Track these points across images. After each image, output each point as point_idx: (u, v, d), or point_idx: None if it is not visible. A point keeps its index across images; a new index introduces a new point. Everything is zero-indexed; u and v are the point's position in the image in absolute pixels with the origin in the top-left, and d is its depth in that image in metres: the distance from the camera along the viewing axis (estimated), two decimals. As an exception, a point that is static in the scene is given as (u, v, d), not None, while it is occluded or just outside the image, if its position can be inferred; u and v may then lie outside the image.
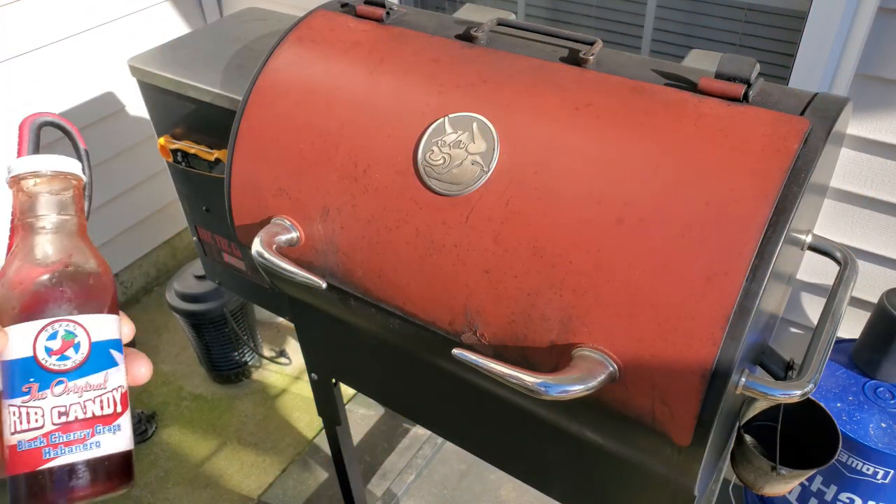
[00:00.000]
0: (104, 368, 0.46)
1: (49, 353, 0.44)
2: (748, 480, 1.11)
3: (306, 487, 2.00)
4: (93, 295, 0.47)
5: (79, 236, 0.49)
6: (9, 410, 0.44)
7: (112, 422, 0.46)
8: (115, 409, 0.46)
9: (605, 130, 0.75)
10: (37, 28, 1.97)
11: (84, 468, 0.44)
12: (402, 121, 0.85)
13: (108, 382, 0.46)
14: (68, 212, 0.48)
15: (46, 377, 0.44)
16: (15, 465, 0.44)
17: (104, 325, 0.47)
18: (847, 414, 1.43)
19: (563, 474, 0.99)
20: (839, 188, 1.48)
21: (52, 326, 0.44)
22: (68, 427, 0.44)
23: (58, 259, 0.46)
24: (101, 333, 0.46)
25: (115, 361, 0.47)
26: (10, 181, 0.48)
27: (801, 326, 1.71)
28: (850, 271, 0.81)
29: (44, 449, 0.44)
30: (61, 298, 0.45)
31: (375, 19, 0.98)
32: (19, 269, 0.46)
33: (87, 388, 0.45)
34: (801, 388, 0.69)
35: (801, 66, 1.36)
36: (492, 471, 2.00)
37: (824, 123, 0.71)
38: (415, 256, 0.82)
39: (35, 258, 0.46)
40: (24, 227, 0.47)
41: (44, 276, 0.45)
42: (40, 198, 0.47)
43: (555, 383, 0.66)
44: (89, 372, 0.45)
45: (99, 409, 0.45)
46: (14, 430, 0.44)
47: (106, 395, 0.46)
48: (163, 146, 1.52)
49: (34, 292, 0.45)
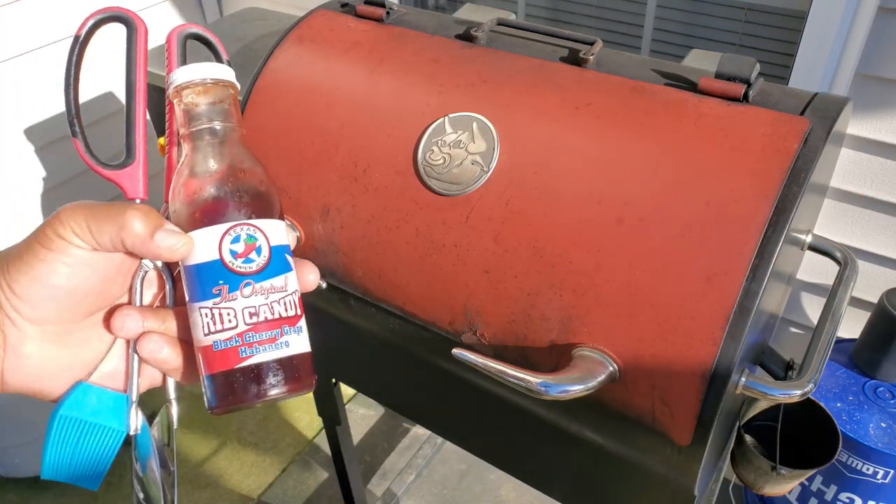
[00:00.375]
0: (283, 272, 0.47)
1: (234, 256, 0.45)
2: (748, 480, 1.11)
3: (306, 487, 2.00)
4: (265, 200, 0.47)
5: (243, 144, 0.49)
6: (200, 312, 0.45)
7: (296, 323, 0.47)
8: (296, 311, 0.47)
9: (605, 130, 0.75)
10: (37, 28, 1.97)
11: (277, 367, 0.45)
12: (402, 121, 0.85)
13: (287, 285, 0.47)
14: (231, 120, 0.48)
15: (235, 279, 0.45)
16: (211, 365, 0.45)
17: (278, 229, 0.47)
18: (847, 414, 1.43)
19: (563, 474, 0.99)
20: (839, 188, 1.48)
21: (234, 230, 0.45)
22: (259, 327, 0.45)
23: (231, 165, 0.47)
24: (277, 238, 0.47)
25: (290, 265, 0.48)
26: (173, 92, 0.48)
27: (801, 326, 1.71)
28: (850, 271, 0.81)
29: (240, 348, 0.44)
30: (240, 203, 0.46)
31: (375, 19, 0.98)
32: (194, 177, 0.46)
33: (272, 290, 0.46)
34: (801, 388, 0.69)
35: (801, 66, 1.36)
36: (492, 471, 2.00)
37: (824, 123, 0.71)
38: (415, 256, 0.82)
39: (209, 166, 0.47)
40: (191, 136, 0.47)
41: (220, 181, 0.46)
42: (205, 107, 0.47)
43: (555, 383, 0.66)
44: (272, 275, 0.46)
45: (284, 311, 0.46)
46: (208, 330, 0.44)
47: (288, 298, 0.46)
48: (163, 146, 1.52)
49: (213, 198, 0.46)
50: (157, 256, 0.44)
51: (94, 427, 0.46)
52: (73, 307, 0.44)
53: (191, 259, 0.45)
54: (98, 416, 0.46)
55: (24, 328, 0.43)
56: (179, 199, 0.46)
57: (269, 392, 0.45)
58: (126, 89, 0.51)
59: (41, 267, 0.42)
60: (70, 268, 0.42)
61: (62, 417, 0.45)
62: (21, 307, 0.42)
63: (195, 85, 0.47)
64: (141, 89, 0.52)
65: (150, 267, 0.47)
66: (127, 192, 0.50)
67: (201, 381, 0.46)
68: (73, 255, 0.42)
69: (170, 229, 0.44)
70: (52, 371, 0.44)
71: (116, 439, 0.47)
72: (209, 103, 0.48)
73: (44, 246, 0.42)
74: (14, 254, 0.43)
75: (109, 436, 0.47)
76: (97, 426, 0.46)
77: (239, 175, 0.47)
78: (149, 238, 0.43)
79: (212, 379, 0.45)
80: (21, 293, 0.42)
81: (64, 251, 0.42)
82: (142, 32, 0.53)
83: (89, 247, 0.43)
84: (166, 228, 0.44)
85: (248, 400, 0.45)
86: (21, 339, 0.43)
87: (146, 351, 0.45)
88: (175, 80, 0.48)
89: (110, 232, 0.43)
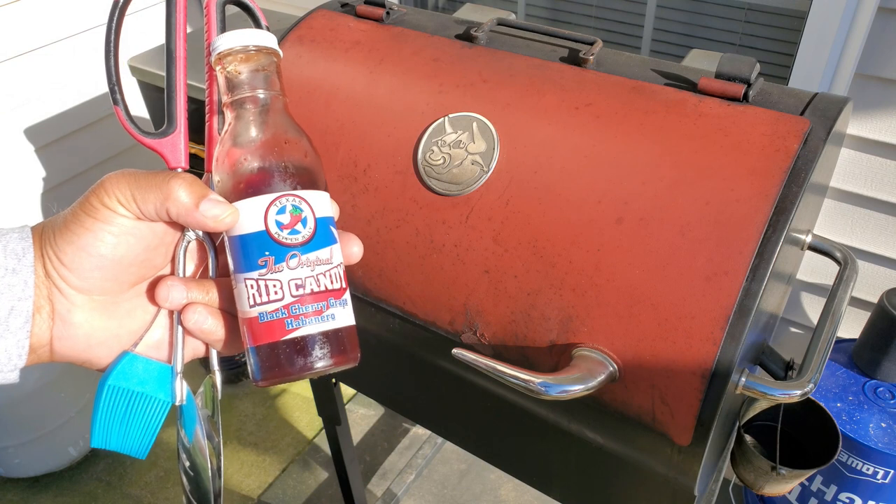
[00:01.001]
0: (329, 244, 0.46)
1: (280, 228, 0.44)
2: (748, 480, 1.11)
3: (306, 487, 2.00)
4: (310, 170, 0.46)
5: (287, 113, 0.48)
6: (246, 284, 0.44)
7: (341, 296, 0.46)
8: (341, 283, 0.46)
9: (604, 130, 0.75)
10: (37, 28, 1.97)
11: (323, 339, 0.45)
12: (402, 120, 0.85)
13: (333, 258, 0.46)
14: (275, 88, 0.47)
15: (281, 251, 0.44)
16: (257, 337, 0.44)
17: (323, 200, 0.47)
18: (847, 414, 1.43)
19: (563, 474, 0.99)
20: (839, 188, 1.48)
21: (279, 201, 0.44)
22: (305, 299, 0.44)
23: (276, 134, 0.46)
24: (322, 210, 0.46)
25: (335, 238, 0.47)
26: (216, 59, 0.47)
27: (801, 326, 1.71)
28: (850, 271, 0.81)
29: (286, 320, 0.44)
30: (285, 173, 0.45)
31: (375, 19, 0.98)
32: (239, 146, 0.45)
33: (317, 263, 0.45)
34: (801, 387, 0.69)
35: (801, 66, 1.36)
36: (492, 471, 2.00)
37: (824, 123, 0.71)
38: (415, 256, 0.82)
39: (253, 135, 0.46)
40: (234, 105, 0.46)
41: (265, 151, 0.45)
42: (249, 74, 0.46)
43: (555, 383, 0.66)
44: (317, 246, 0.45)
45: (329, 283, 0.45)
46: (254, 302, 0.44)
47: (333, 270, 0.46)
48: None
49: (259, 168, 0.45)
50: (202, 226, 0.44)
51: (141, 397, 0.46)
52: (119, 276, 0.44)
53: (236, 230, 0.44)
54: (145, 386, 0.46)
55: (71, 297, 0.43)
56: (223, 169, 0.46)
57: (316, 364, 0.44)
58: (167, 57, 0.50)
59: (88, 236, 0.42)
60: (116, 237, 0.43)
61: (111, 387, 0.45)
62: (68, 276, 0.42)
63: (238, 52, 0.46)
64: (181, 56, 0.50)
65: (192, 237, 0.47)
66: (169, 162, 0.50)
67: (246, 352, 0.45)
68: (119, 223, 0.43)
69: (215, 199, 0.44)
70: (99, 340, 0.45)
71: (163, 409, 0.48)
72: (252, 70, 0.47)
73: (90, 215, 0.42)
74: (60, 223, 0.43)
75: (156, 406, 0.47)
76: (144, 396, 0.46)
77: (283, 145, 0.46)
78: (194, 207, 0.43)
79: (257, 351, 0.44)
80: (68, 262, 0.42)
81: (109, 220, 0.42)
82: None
83: (134, 216, 0.43)
84: (212, 198, 0.44)
85: (295, 372, 0.44)
86: (69, 309, 0.43)
87: (191, 322, 0.45)
88: (217, 47, 0.46)
89: (155, 201, 0.42)
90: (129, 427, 0.47)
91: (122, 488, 1.99)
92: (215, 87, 0.49)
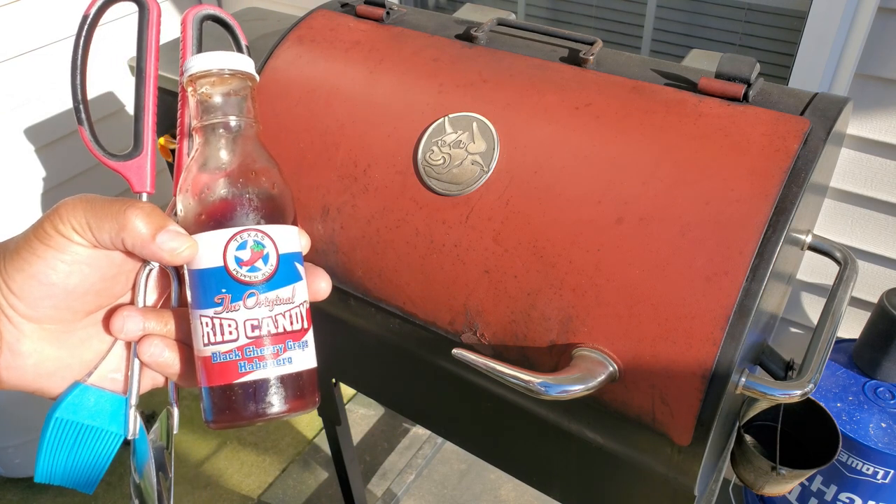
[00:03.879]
0: (292, 282, 0.44)
1: (239, 264, 0.42)
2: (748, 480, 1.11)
3: (306, 487, 2.00)
4: (277, 203, 0.45)
5: (259, 142, 0.46)
6: (201, 321, 0.42)
7: (301, 337, 0.44)
8: (302, 324, 0.44)
9: (604, 130, 0.75)
10: (37, 28, 1.97)
11: (279, 384, 0.43)
12: (402, 120, 0.85)
13: (295, 296, 0.44)
14: (247, 115, 0.46)
15: (239, 288, 0.42)
16: (210, 377, 0.43)
17: (289, 236, 0.45)
18: (847, 414, 1.43)
19: (563, 474, 0.99)
20: (839, 188, 1.48)
21: (240, 236, 0.42)
22: (261, 341, 0.42)
23: (243, 164, 0.44)
24: (287, 245, 0.44)
25: (300, 275, 0.45)
26: (188, 80, 0.45)
27: (801, 326, 1.71)
28: (850, 271, 0.81)
29: (239, 363, 0.42)
30: (249, 206, 0.43)
31: (375, 19, 0.98)
32: (204, 174, 0.43)
33: (277, 302, 0.43)
34: (801, 388, 0.69)
35: (801, 66, 1.36)
36: (492, 471, 2.00)
37: (824, 123, 0.71)
38: (415, 256, 0.82)
39: (219, 163, 0.44)
40: (203, 129, 0.44)
41: (230, 181, 0.43)
42: (221, 98, 0.44)
43: (555, 383, 0.66)
44: (279, 285, 0.43)
45: (289, 324, 0.43)
46: (208, 341, 0.42)
47: (294, 310, 0.44)
48: (163, 146, 1.52)
49: (222, 199, 0.43)
50: (159, 259, 0.42)
51: (90, 430, 0.45)
52: (72, 306, 0.42)
53: (194, 263, 0.43)
54: (95, 419, 0.44)
55: (21, 326, 0.41)
56: (186, 198, 0.44)
57: (268, 411, 0.43)
58: (136, 75, 0.48)
59: (39, 264, 0.40)
60: (69, 265, 0.41)
61: (58, 420, 0.43)
62: (18, 305, 0.41)
63: (212, 75, 0.44)
64: (152, 76, 0.49)
65: (156, 264, 0.45)
66: (133, 185, 0.48)
67: (200, 391, 0.44)
68: (73, 252, 0.41)
69: (174, 230, 0.42)
70: (49, 370, 0.43)
71: (114, 443, 0.46)
72: (224, 95, 0.45)
73: (42, 242, 0.40)
74: (11, 249, 0.41)
75: (106, 439, 0.45)
76: (94, 429, 0.45)
77: (251, 176, 0.44)
78: (150, 239, 0.41)
79: (210, 392, 0.43)
80: (18, 291, 0.40)
81: (63, 248, 0.41)
82: (154, 14, 0.49)
83: (89, 244, 0.41)
84: (170, 230, 0.42)
85: (246, 417, 0.42)
86: (18, 338, 0.41)
87: (147, 354, 0.44)
88: (190, 67, 0.45)
89: (110, 231, 0.41)
90: (76, 461, 0.45)
91: (122, 488, 1.99)
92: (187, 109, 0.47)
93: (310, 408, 0.45)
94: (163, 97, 0.50)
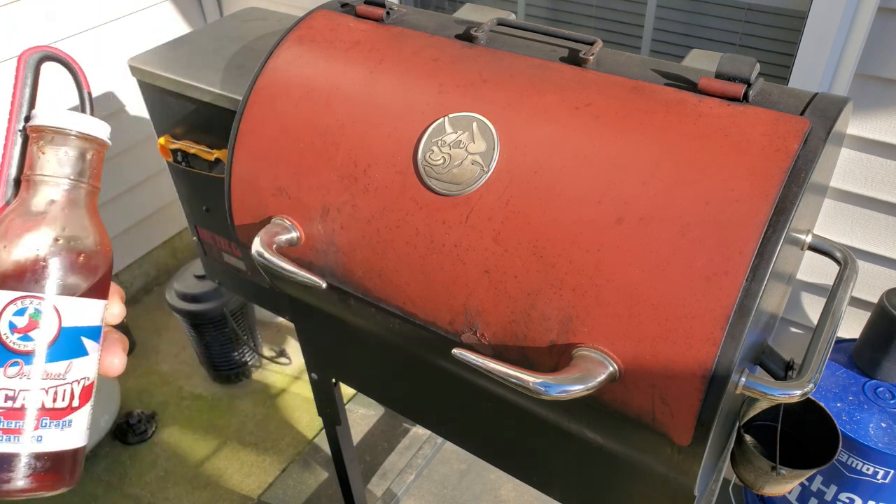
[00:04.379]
0: (69, 357, 0.42)
1: (12, 330, 0.41)
2: (748, 480, 1.11)
3: (306, 487, 2.00)
4: (78, 275, 0.43)
5: (86, 208, 0.44)
6: None
7: (62, 416, 0.42)
8: (70, 402, 0.43)
9: (604, 130, 0.75)
10: (37, 28, 1.97)
11: (19, 461, 0.41)
12: (402, 120, 0.85)
13: (69, 373, 0.42)
14: (82, 179, 0.44)
15: (4, 354, 0.41)
16: None
17: (82, 309, 0.43)
18: (847, 414, 1.43)
19: (563, 474, 0.99)
20: (839, 188, 1.48)
21: (22, 301, 0.41)
22: (10, 414, 0.41)
23: (50, 228, 0.42)
24: (77, 319, 0.43)
25: (84, 350, 0.43)
26: (30, 129, 0.44)
27: (801, 326, 1.71)
28: (850, 271, 0.81)
29: None
30: (41, 273, 0.41)
31: (375, 19, 0.98)
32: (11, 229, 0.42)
33: (43, 377, 0.41)
34: (801, 387, 0.69)
35: (801, 66, 1.36)
36: (492, 471, 2.00)
37: (824, 123, 0.71)
38: (415, 256, 0.82)
39: (26, 220, 0.42)
40: (28, 182, 0.43)
41: (31, 244, 0.42)
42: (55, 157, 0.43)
43: (555, 383, 0.66)
44: (51, 359, 0.42)
45: (50, 402, 0.42)
46: None
47: (63, 387, 0.42)
48: (163, 146, 1.52)
49: (16, 260, 0.41)
50: None
51: None
52: None
53: None
54: None
55: None
56: None
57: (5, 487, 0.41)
58: None
59: None
60: None
61: None
62: None
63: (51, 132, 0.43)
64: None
65: None
66: None
67: None
68: None
69: None
70: None
71: None
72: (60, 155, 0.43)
73: None
74: None
75: None
76: None
77: (55, 243, 0.42)
78: None
79: None
80: None
81: None
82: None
83: None
84: None
85: None
86: None
87: None
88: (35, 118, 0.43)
89: None
90: None
91: (122, 488, 1.99)
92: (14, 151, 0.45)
93: (55, 490, 0.43)
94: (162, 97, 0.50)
